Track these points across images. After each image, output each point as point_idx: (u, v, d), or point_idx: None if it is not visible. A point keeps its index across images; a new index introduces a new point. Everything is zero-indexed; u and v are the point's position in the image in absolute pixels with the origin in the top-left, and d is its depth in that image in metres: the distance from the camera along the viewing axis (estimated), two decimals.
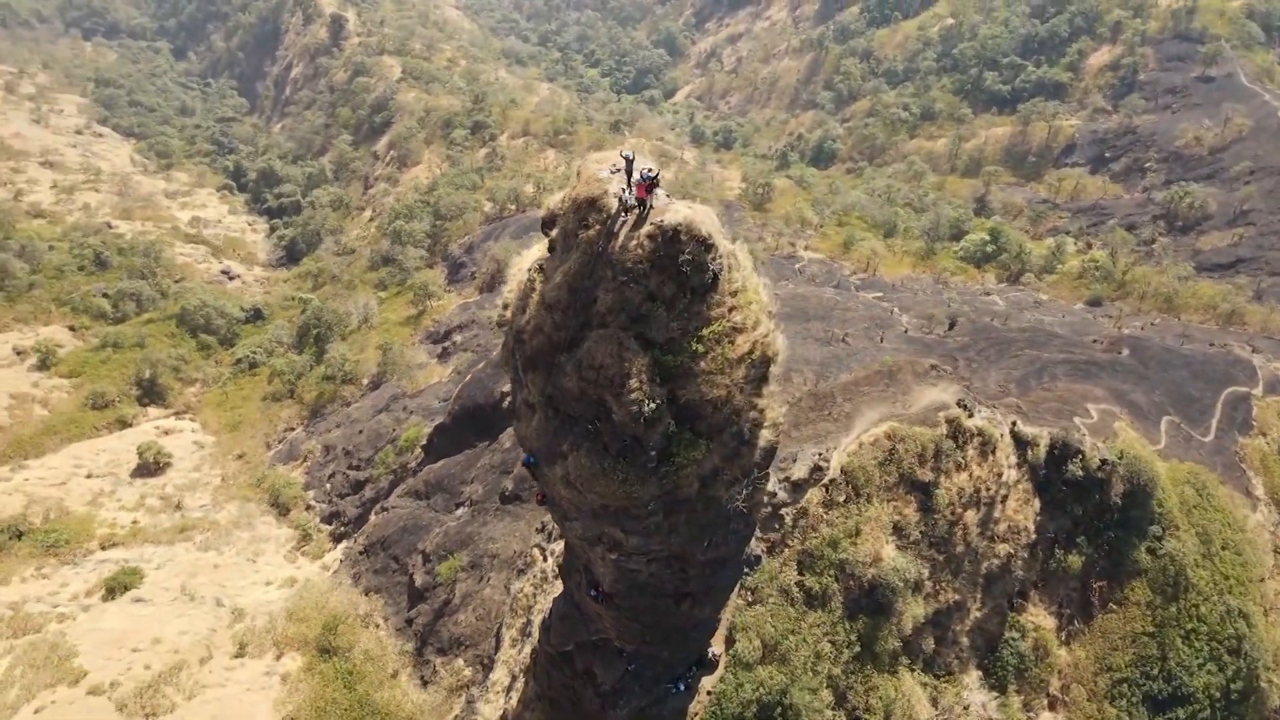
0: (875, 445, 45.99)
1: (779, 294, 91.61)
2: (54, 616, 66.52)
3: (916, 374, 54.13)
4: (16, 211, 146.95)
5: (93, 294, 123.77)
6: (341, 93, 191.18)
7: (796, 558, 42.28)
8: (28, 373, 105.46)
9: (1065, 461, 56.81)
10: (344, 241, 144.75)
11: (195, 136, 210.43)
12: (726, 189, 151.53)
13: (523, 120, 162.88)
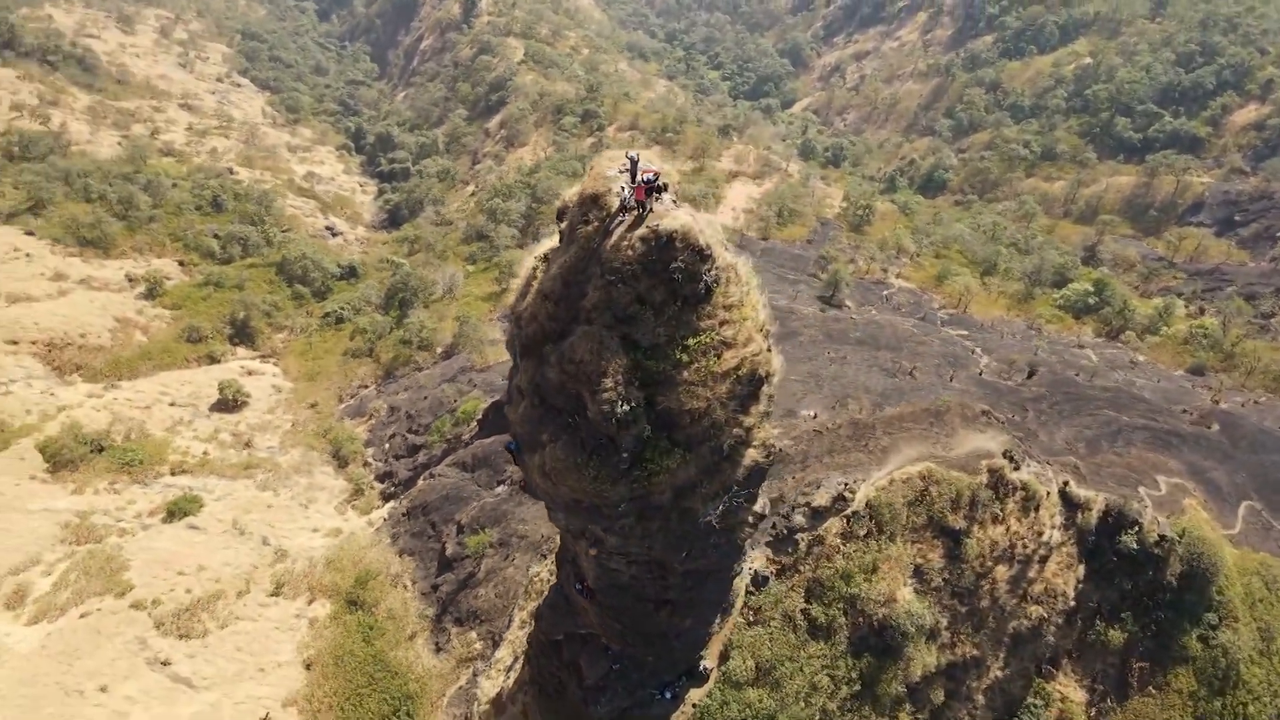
0: (907, 484, 44.72)
1: (855, 319, 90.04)
2: (115, 530, 70.54)
3: (965, 418, 52.34)
4: (150, 148, 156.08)
5: (205, 234, 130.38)
6: (464, 68, 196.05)
7: (806, 584, 41.50)
8: (135, 299, 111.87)
9: (1120, 531, 54.09)
10: (443, 212, 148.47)
11: (324, 96, 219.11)
12: (826, 206, 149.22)
13: (633, 114, 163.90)
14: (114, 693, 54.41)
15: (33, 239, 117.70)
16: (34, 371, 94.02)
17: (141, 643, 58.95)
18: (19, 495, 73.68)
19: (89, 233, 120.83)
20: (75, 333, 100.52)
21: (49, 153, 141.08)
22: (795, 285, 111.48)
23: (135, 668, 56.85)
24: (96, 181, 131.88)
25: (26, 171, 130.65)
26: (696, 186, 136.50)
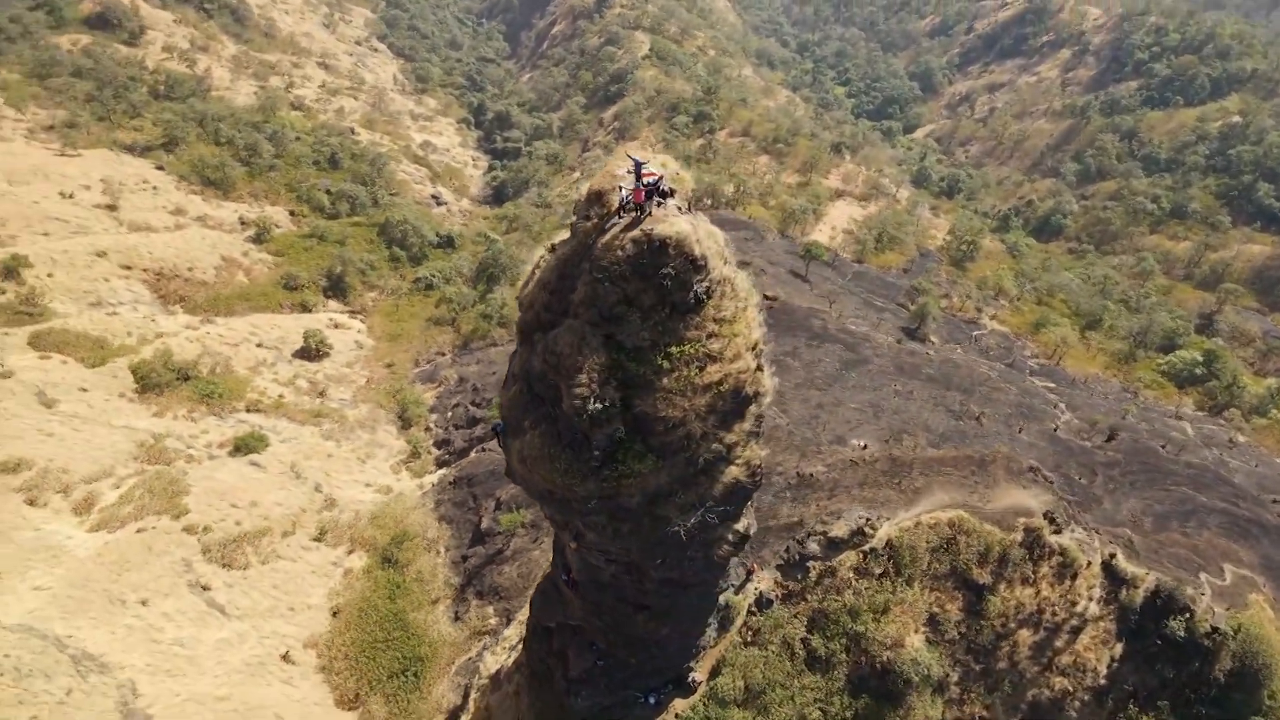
0: (934, 529, 43.26)
1: (932, 355, 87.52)
2: (184, 456, 74.40)
3: (1010, 471, 50.23)
4: (282, 101, 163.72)
5: (318, 188, 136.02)
6: (589, 57, 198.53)
7: (811, 613, 40.64)
8: (243, 241, 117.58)
9: (1168, 615, 51.03)
10: (546, 195, 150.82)
11: (454, 69, 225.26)
12: (929, 237, 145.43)
13: (746, 121, 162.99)
14: (152, 607, 57.48)
15: (161, 173, 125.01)
16: (141, 297, 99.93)
17: (186, 565, 62.08)
18: (105, 410, 78.49)
19: (213, 174, 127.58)
20: (184, 266, 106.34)
21: (190, 95, 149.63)
22: (880, 313, 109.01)
23: (176, 587, 59.92)
24: (228, 127, 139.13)
25: (167, 110, 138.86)
26: (798, 201, 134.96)
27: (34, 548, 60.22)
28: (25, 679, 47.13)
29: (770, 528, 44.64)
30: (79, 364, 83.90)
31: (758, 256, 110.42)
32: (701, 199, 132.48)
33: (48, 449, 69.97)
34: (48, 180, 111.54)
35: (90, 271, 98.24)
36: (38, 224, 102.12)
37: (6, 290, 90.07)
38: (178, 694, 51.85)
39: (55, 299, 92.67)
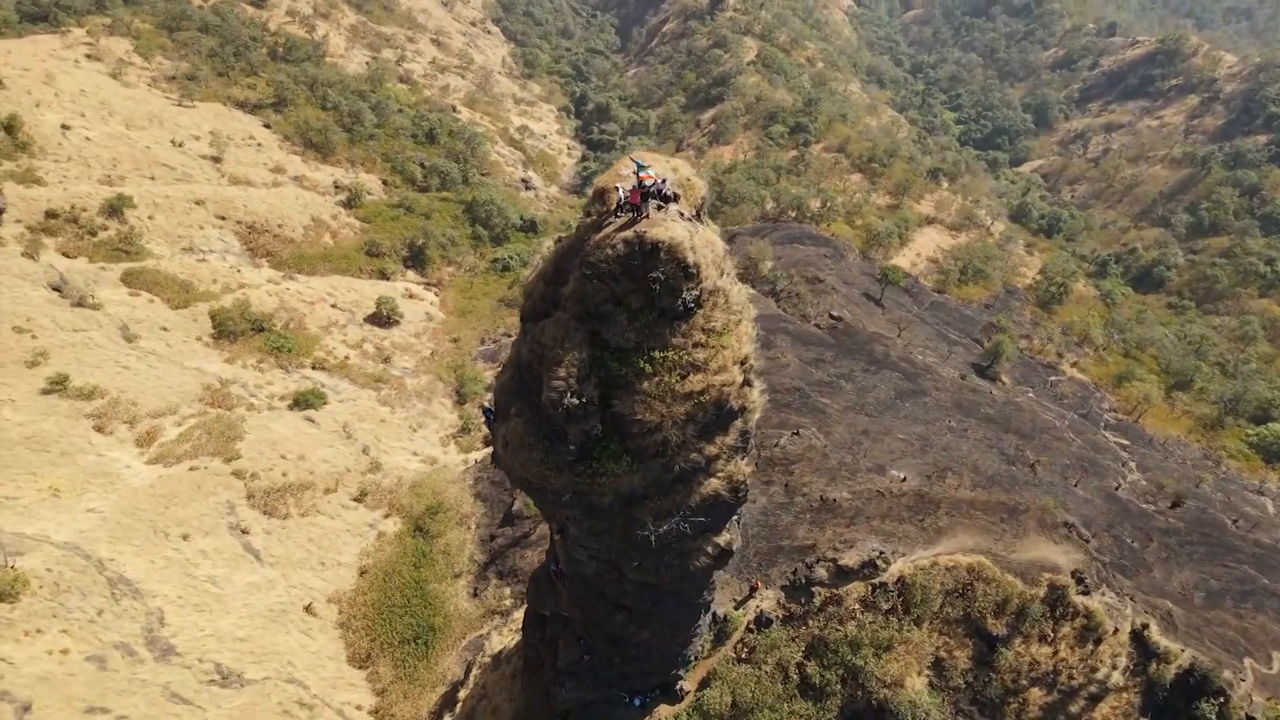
0: (951, 572, 41.91)
1: (996, 395, 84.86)
2: (245, 404, 77.40)
3: (1043, 524, 48.25)
4: (391, 74, 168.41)
5: (412, 160, 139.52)
6: (695, 58, 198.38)
7: (810, 639, 39.88)
8: (334, 204, 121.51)
9: (1199, 696, 48.47)
10: None
11: (562, 58, 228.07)
12: (1018, 274, 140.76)
13: (844, 137, 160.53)
14: (192, 543, 60.04)
15: (267, 132, 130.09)
16: (231, 248, 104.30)
17: (230, 508, 64.62)
18: (181, 351, 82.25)
19: (315, 137, 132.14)
20: (275, 222, 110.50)
21: (305, 59, 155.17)
22: (953, 346, 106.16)
23: (217, 528, 62.43)
24: (335, 93, 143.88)
25: (281, 71, 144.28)
26: (885, 223, 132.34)
27: (94, 472, 63.55)
28: (62, 594, 49.80)
29: (782, 547, 44.01)
30: (164, 304, 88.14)
31: (832, 275, 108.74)
32: (784, 212, 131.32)
33: (122, 381, 73.68)
34: (162, 128, 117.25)
35: (187, 218, 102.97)
36: (147, 168, 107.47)
37: (109, 228, 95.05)
38: (201, 629, 54.04)
39: (152, 240, 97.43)
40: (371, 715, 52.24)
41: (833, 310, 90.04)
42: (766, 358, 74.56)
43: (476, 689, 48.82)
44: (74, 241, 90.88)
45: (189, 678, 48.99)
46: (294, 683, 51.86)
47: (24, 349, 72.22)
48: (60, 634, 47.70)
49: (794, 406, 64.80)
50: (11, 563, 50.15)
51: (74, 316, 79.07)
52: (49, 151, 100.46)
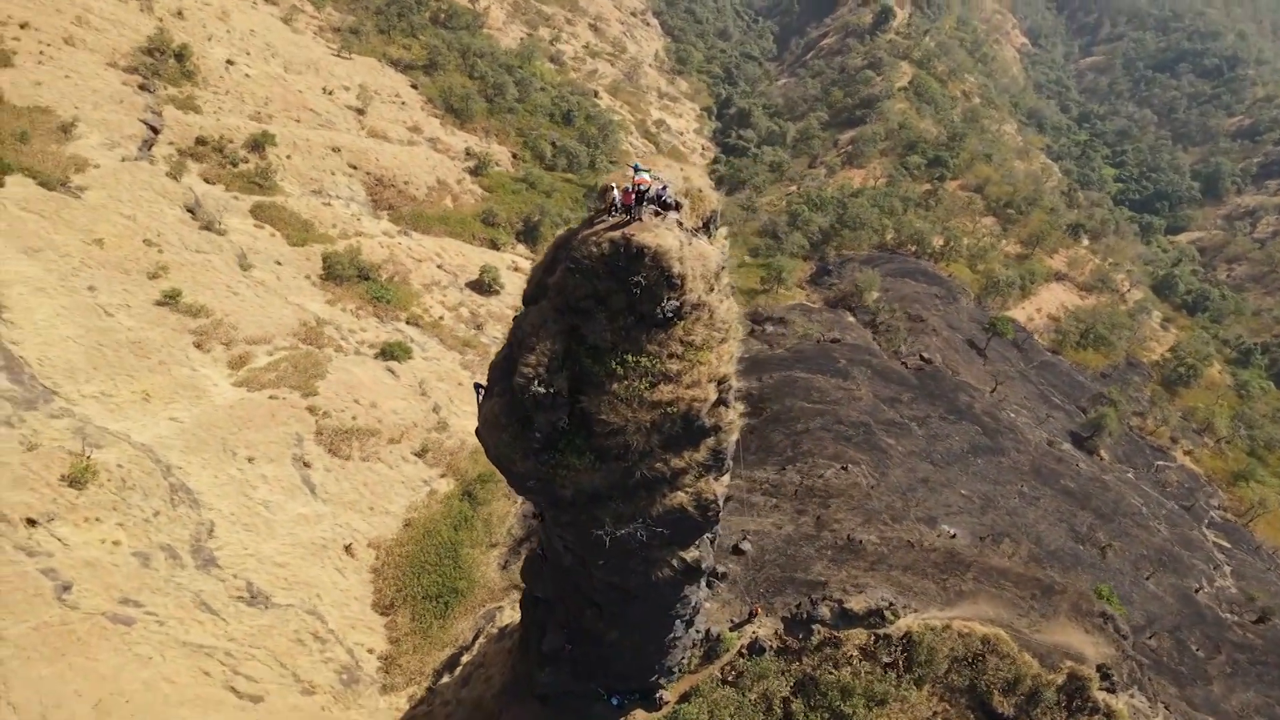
0: (964, 639, 39.96)
1: (1082, 468, 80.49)
2: (335, 345, 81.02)
3: (1077, 609, 45.28)
4: (542, 52, 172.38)
5: (545, 138, 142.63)
6: (846, 76, 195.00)
7: (801, 676, 38.84)
8: (460, 170, 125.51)
9: None
10: (756, 200, 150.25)
11: (714, 58, 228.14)
12: (1146, 348, 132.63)
13: (984, 177, 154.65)
14: (255, 467, 63.40)
15: (413, 92, 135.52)
16: (357, 196, 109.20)
17: (298, 440, 67.87)
18: (289, 286, 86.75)
19: (457, 103, 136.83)
20: (402, 178, 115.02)
21: (464, 27, 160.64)
22: (1053, 410, 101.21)
23: (282, 456, 65.72)
24: (484, 64, 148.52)
25: (438, 36, 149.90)
26: (1008, 272, 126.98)
27: (184, 384, 67.88)
28: (126, 490, 53.52)
29: (794, 579, 43.05)
30: (283, 240, 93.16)
31: (938, 316, 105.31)
32: (904, 244, 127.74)
33: (228, 304, 78.35)
34: (317, 75, 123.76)
35: (322, 163, 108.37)
36: (295, 111, 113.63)
37: (249, 161, 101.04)
38: (245, 547, 57.07)
39: (286, 179, 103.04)
40: (379, 660, 54.12)
41: (925, 352, 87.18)
42: (840, 388, 73.05)
43: (478, 656, 49.90)
44: (215, 169, 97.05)
45: (220, 590, 51.90)
46: (315, 615, 54.22)
47: (149, 261, 77.68)
48: (115, 526, 51.34)
49: (854, 441, 63.17)
50: (89, 453, 54.19)
51: (199, 238, 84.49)
52: (210, 83, 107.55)
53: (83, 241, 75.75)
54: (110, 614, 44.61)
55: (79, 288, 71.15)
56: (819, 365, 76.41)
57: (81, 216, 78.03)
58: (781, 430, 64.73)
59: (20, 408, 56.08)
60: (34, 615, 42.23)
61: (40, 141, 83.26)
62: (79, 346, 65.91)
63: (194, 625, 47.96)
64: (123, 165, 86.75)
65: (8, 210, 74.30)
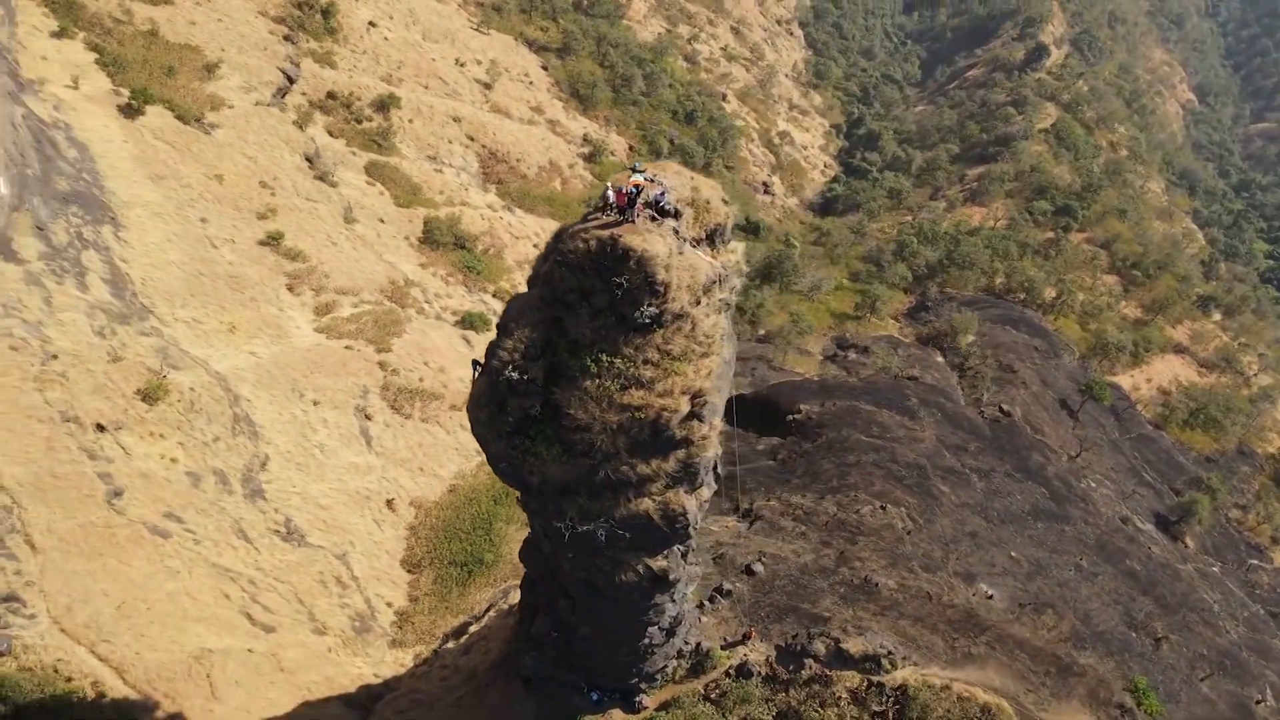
0: (962, 703, 38.04)
1: (1153, 553, 75.93)
2: (418, 306, 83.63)
3: (1093, 696, 42.37)
4: (678, 49, 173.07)
5: (664, 135, 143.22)
6: (985, 111, 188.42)
7: (785, 708, 37.87)
8: (574, 156, 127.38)
9: None
10: (867, 226, 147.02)
11: (853, 76, 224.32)
12: (1264, 439, 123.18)
13: (1113, 233, 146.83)
14: (318, 411, 66.12)
15: (542, 73, 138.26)
16: (469, 167, 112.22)
17: (364, 392, 70.41)
18: (386, 244, 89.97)
19: (583, 89, 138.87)
20: (515, 155, 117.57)
21: (604, 16, 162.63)
22: (1142, 487, 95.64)
23: (345, 404, 68.32)
24: (616, 54, 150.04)
25: (576, 22, 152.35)
26: (1121, 336, 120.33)
27: (270, 322, 71.37)
28: (192, 413, 56.63)
29: (798, 609, 42.05)
30: (390, 200, 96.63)
31: (1032, 370, 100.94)
32: (1012, 291, 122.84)
33: (325, 253, 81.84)
34: (453, 45, 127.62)
35: (441, 131, 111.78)
36: (424, 77, 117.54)
37: (373, 120, 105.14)
38: (293, 485, 59.64)
39: (404, 141, 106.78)
40: (395, 615, 55.73)
41: (1007, 404, 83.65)
42: (903, 426, 70.97)
43: (484, 628, 50.75)
44: (340, 124, 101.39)
45: (259, 521, 54.38)
46: (343, 560, 56.21)
47: (261, 202, 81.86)
48: (175, 445, 54.41)
49: (905, 482, 61.24)
50: (166, 372, 57.57)
51: (311, 187, 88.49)
52: (350, 41, 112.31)
53: (204, 175, 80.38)
54: (151, 525, 47.34)
55: (192, 218, 75.61)
56: (888, 400, 74.28)
57: (208, 151, 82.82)
58: (832, 459, 63.27)
59: (115, 320, 59.98)
60: (82, 514, 45.24)
61: (185, 77, 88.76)
62: (181, 273, 70.10)
63: (227, 549, 50.44)
64: (255, 109, 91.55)
65: (143, 137, 79.53)
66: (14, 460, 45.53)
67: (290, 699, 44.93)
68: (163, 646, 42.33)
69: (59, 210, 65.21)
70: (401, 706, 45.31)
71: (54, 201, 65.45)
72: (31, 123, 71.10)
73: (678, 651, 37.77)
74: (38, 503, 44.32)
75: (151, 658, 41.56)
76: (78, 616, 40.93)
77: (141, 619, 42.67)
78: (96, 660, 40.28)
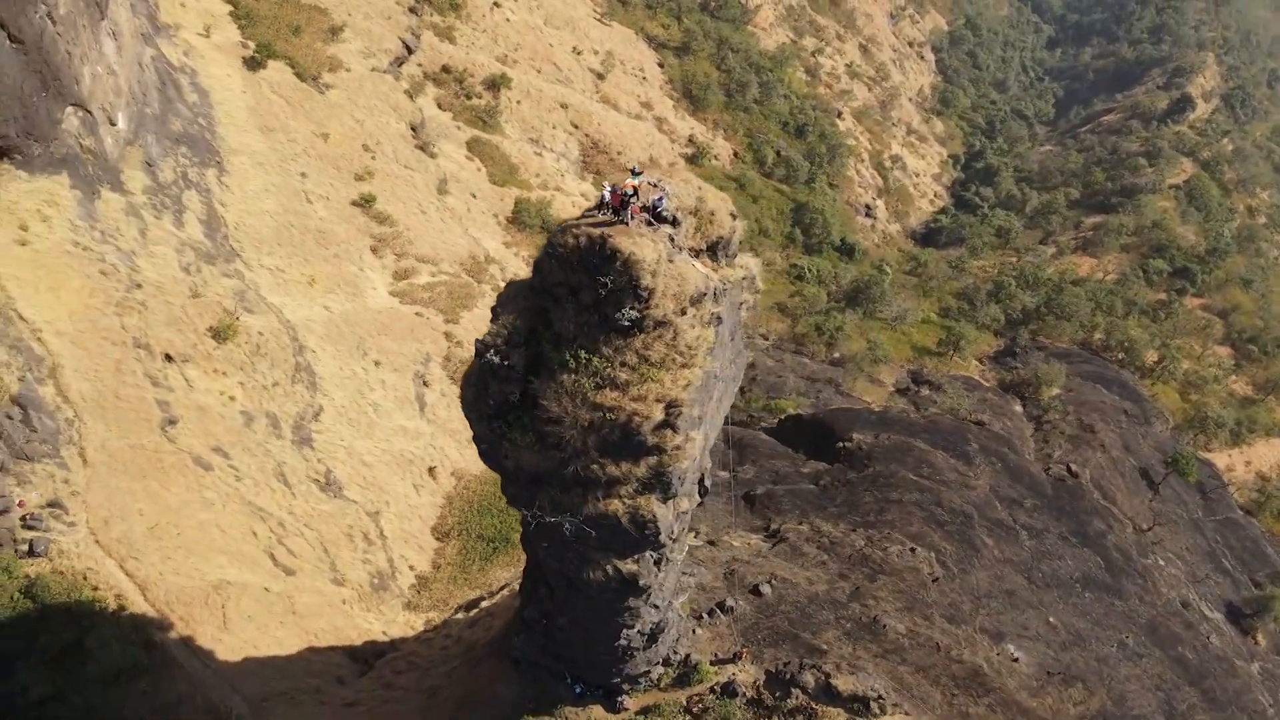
0: None
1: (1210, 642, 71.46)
2: (494, 283, 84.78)
3: None
4: (800, 60, 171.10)
5: (771, 145, 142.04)
6: (1115, 159, 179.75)
7: None
8: (676, 154, 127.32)
9: None
10: (967, 263, 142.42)
11: (980, 107, 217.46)
12: None
13: (1233, 303, 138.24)
14: (378, 372, 68.23)
15: (658, 70, 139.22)
16: (569, 154, 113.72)
17: (425, 359, 72.31)
18: (474, 220, 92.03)
19: (696, 90, 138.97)
20: (616, 148, 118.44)
21: (729, 20, 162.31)
22: (1219, 573, 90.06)
23: (405, 369, 70.26)
24: (735, 59, 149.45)
25: (700, 23, 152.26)
26: (1225, 412, 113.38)
27: (348, 280, 73.97)
28: (257, 356, 59.18)
29: (797, 636, 41.13)
30: (486, 176, 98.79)
31: (1115, 434, 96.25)
32: (1110, 349, 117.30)
33: (413, 221, 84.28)
34: (572, 33, 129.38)
35: (547, 116, 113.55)
36: (539, 62, 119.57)
37: (482, 98, 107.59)
38: (342, 439, 61.70)
39: (509, 122, 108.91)
40: (415, 579, 57.04)
41: (1077, 464, 79.95)
42: (956, 470, 68.71)
43: (494, 605, 51.47)
44: (449, 98, 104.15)
45: (301, 468, 56.46)
46: (374, 518, 57.85)
47: (360, 163, 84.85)
48: (236, 384, 56.95)
49: (945, 528, 59.28)
50: (240, 314, 60.35)
51: (411, 155, 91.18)
52: (472, 19, 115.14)
53: (312, 132, 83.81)
54: (196, 456, 49.72)
55: (293, 171, 78.95)
56: (946, 441, 71.93)
57: (319, 110, 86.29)
58: (874, 493, 61.68)
59: (202, 259, 63.18)
60: (135, 436, 47.84)
61: (309, 37, 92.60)
62: (273, 222, 73.30)
63: (264, 490, 52.56)
64: (369, 74, 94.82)
65: (261, 89, 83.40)
66: (83, 377, 48.43)
67: (297, 641, 46.57)
68: (186, 572, 44.42)
69: (170, 149, 69.00)
70: (399, 668, 46.45)
71: (166, 141, 69.29)
72: (160, 64, 75.42)
73: (664, 659, 37.55)
74: (97, 420, 47.04)
75: (173, 581, 43.67)
76: (113, 531, 43.32)
77: (170, 542, 44.88)
78: (123, 575, 42.56)
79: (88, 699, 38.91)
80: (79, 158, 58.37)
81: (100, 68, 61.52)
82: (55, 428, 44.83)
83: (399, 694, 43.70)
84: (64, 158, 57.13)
